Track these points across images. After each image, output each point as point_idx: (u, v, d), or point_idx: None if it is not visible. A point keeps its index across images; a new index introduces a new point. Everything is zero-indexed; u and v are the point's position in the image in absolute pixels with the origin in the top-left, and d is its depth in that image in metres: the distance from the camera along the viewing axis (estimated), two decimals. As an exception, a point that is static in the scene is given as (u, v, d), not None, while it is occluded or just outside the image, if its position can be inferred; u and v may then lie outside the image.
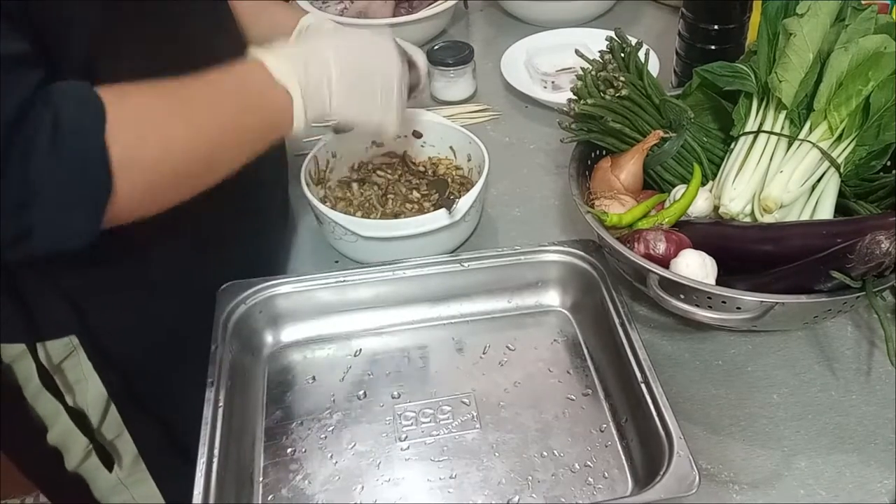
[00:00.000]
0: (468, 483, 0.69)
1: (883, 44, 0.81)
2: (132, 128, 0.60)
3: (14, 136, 0.55)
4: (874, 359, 0.79)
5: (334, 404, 0.76)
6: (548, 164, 1.08)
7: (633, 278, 0.80)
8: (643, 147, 0.88)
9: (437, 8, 1.32)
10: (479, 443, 0.72)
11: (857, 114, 0.81)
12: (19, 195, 0.56)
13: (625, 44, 0.91)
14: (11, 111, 0.55)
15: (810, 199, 0.83)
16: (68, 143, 0.56)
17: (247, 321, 0.79)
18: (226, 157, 0.69)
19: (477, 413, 0.74)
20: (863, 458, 0.70)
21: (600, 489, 0.68)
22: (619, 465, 0.70)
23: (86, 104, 0.58)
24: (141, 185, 0.62)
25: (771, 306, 0.70)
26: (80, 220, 0.59)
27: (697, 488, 0.61)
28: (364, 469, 0.70)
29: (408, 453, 0.71)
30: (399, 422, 0.74)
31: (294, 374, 0.80)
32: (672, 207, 0.84)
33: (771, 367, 0.79)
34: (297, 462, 0.71)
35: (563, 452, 0.71)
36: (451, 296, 0.84)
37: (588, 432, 0.72)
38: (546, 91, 1.20)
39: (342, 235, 0.88)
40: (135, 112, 0.61)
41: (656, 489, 0.61)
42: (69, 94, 0.58)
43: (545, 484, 0.68)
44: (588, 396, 0.76)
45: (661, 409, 0.67)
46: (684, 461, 0.62)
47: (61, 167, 0.56)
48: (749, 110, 0.86)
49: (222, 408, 0.69)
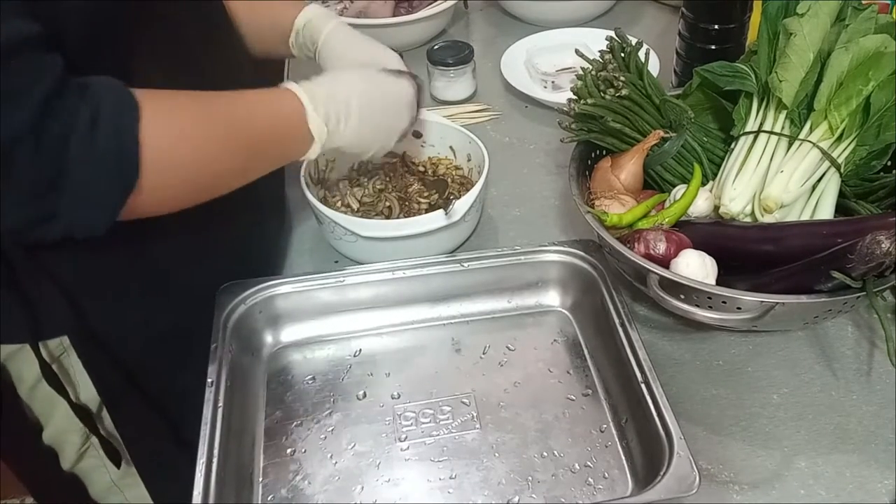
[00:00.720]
0: (468, 483, 0.69)
1: (883, 43, 0.81)
2: (165, 128, 0.63)
3: (49, 118, 0.56)
4: (874, 359, 0.79)
5: (334, 405, 0.76)
6: (548, 164, 1.08)
7: (633, 278, 0.80)
8: (643, 147, 0.88)
9: (436, 8, 1.32)
10: (478, 443, 0.72)
11: (857, 114, 0.81)
12: (50, 177, 0.57)
13: (625, 43, 0.91)
14: (45, 91, 0.56)
15: (811, 199, 0.82)
16: (104, 136, 0.58)
17: (246, 321, 0.79)
18: (247, 171, 0.72)
19: (477, 413, 0.74)
20: (863, 459, 0.70)
21: (600, 489, 0.68)
22: (620, 466, 0.70)
23: (123, 101, 0.60)
24: (167, 183, 0.64)
25: (771, 306, 0.70)
26: (100, 210, 0.61)
27: (698, 488, 0.61)
28: (364, 469, 0.70)
29: (408, 453, 0.71)
30: (399, 422, 0.74)
31: (294, 374, 0.79)
32: (672, 207, 0.84)
33: (771, 367, 0.79)
34: (296, 462, 0.71)
35: (563, 453, 0.71)
36: (450, 296, 0.84)
37: (588, 432, 0.72)
38: (546, 91, 1.20)
39: (342, 235, 0.88)
40: (168, 114, 0.64)
41: (657, 489, 0.61)
42: (107, 88, 0.60)
43: (545, 484, 0.68)
44: (588, 397, 0.76)
45: (662, 409, 0.67)
46: (684, 461, 0.62)
47: (95, 157, 0.58)
48: (749, 110, 0.86)
49: (222, 408, 0.69)
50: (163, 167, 0.63)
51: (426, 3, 1.34)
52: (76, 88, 0.58)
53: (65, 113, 0.57)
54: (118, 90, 0.61)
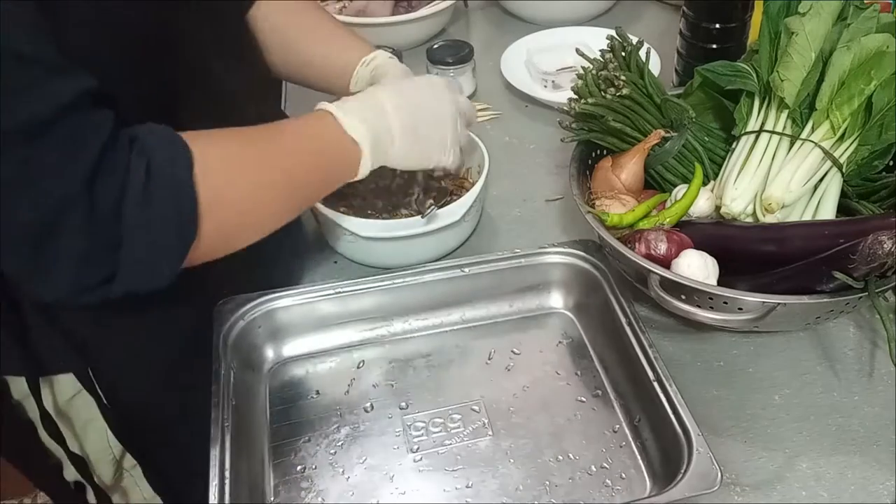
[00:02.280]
0: (486, 491, 0.68)
1: (885, 43, 0.80)
2: (219, 171, 0.62)
3: (104, 178, 0.55)
4: (876, 360, 0.78)
5: (341, 418, 0.74)
6: (548, 163, 1.08)
7: (634, 279, 0.80)
8: (644, 147, 0.87)
9: (436, 7, 1.31)
10: (492, 450, 0.71)
11: (859, 113, 0.81)
12: (110, 239, 0.56)
13: (626, 43, 0.91)
14: (100, 145, 0.55)
15: (812, 199, 0.82)
16: (160, 189, 0.58)
17: (246, 337, 0.78)
18: (301, 202, 0.74)
19: (488, 420, 0.73)
20: (865, 460, 0.70)
21: (619, 490, 0.67)
22: (636, 466, 0.69)
23: (174, 149, 0.60)
24: (224, 228, 0.64)
25: (773, 307, 0.70)
26: (164, 263, 0.60)
27: (720, 485, 0.60)
28: (377, 483, 0.69)
29: (421, 464, 0.70)
30: (409, 433, 0.73)
31: (298, 389, 0.78)
32: (673, 207, 0.84)
33: (772, 367, 0.78)
34: (307, 479, 0.70)
35: (579, 455, 0.70)
36: (452, 302, 0.83)
37: (602, 434, 0.72)
38: (546, 90, 1.20)
39: (342, 236, 0.87)
40: (220, 156, 0.63)
41: (679, 488, 0.61)
42: (157, 137, 0.60)
43: (563, 488, 0.68)
44: (598, 398, 0.75)
45: (677, 406, 0.66)
46: (704, 458, 0.62)
47: (153, 212, 0.58)
48: (751, 110, 0.86)
49: (229, 427, 0.67)
50: (220, 216, 0.62)
51: (426, 2, 1.33)
52: (127, 142, 0.57)
53: (118, 170, 0.56)
54: (168, 138, 0.60)
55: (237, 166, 0.65)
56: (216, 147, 0.64)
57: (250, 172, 0.66)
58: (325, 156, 0.73)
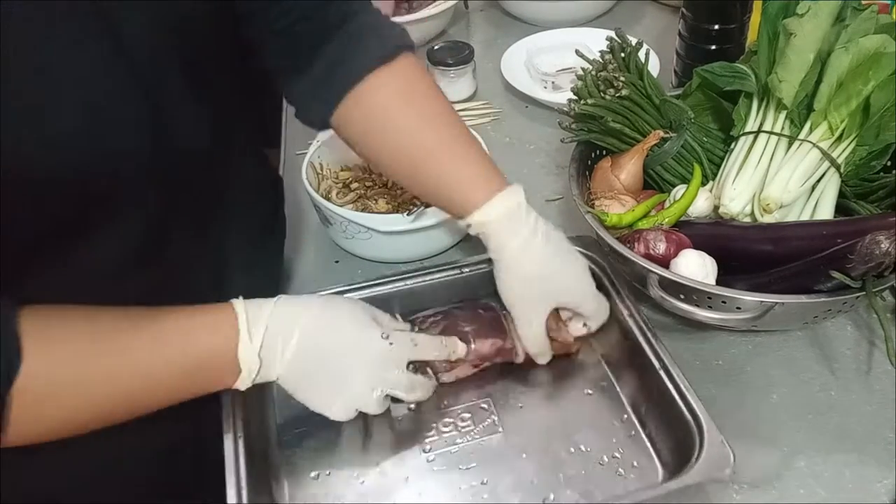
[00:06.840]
0: (502, 487, 0.68)
1: (883, 44, 0.81)
2: (40, 387, 0.55)
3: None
4: (874, 358, 0.79)
5: (350, 423, 0.72)
6: (548, 164, 1.08)
7: (632, 278, 0.80)
8: (643, 147, 0.88)
9: (437, 8, 1.32)
10: (504, 446, 0.71)
11: (857, 114, 0.81)
12: None
13: (625, 44, 0.91)
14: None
15: (810, 200, 0.83)
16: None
17: None
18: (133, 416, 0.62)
19: (497, 417, 0.73)
20: (862, 458, 0.70)
21: (632, 479, 0.67)
22: (647, 454, 0.69)
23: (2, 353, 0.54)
24: (29, 438, 0.57)
25: (771, 306, 0.70)
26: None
27: (733, 467, 0.61)
28: (392, 486, 0.68)
29: (435, 465, 0.70)
30: (420, 433, 0.72)
31: None
32: (672, 207, 0.84)
33: (771, 366, 0.79)
34: (322, 486, 0.69)
35: (590, 447, 0.70)
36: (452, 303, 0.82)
37: (610, 424, 0.72)
38: (546, 91, 1.20)
39: (355, 234, 0.87)
40: (48, 369, 0.56)
41: (692, 473, 0.61)
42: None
43: (577, 479, 0.68)
44: (603, 389, 0.75)
45: (685, 393, 0.66)
46: (716, 442, 0.62)
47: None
48: (749, 110, 0.86)
49: (242, 439, 0.66)
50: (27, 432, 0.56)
51: (426, 3, 1.34)
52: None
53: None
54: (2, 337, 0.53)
55: (68, 391, 0.57)
56: (50, 358, 0.56)
57: (80, 396, 0.58)
58: (190, 378, 0.62)
